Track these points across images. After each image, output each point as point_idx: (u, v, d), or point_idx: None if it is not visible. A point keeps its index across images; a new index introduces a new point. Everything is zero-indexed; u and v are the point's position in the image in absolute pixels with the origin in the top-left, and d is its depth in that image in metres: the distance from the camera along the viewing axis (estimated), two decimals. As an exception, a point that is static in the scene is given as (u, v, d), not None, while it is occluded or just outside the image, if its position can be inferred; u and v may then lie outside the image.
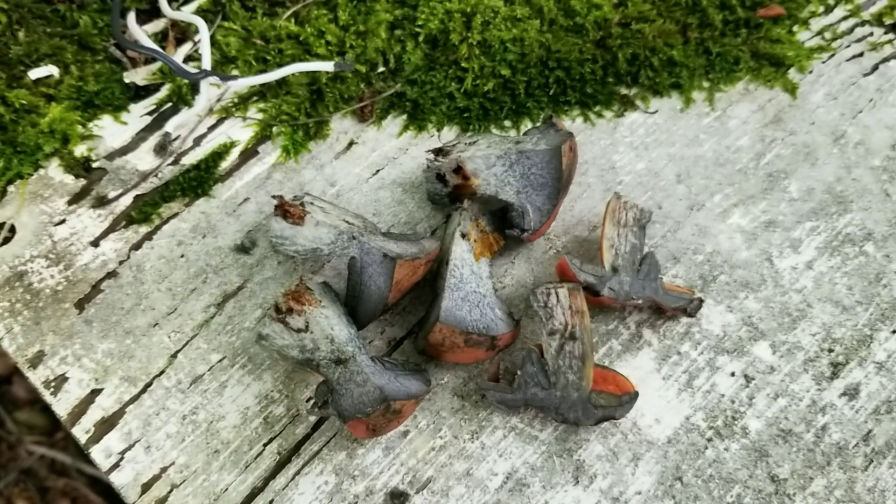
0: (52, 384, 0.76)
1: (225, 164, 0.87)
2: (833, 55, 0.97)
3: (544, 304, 0.73)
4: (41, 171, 0.85)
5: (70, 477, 1.59)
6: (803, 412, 0.77)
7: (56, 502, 1.59)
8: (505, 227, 0.80)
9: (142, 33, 0.91)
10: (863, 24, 1.00)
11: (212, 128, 0.89)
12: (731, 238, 0.85)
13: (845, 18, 1.00)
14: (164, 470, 0.73)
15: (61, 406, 0.75)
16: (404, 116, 0.91)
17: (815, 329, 0.81)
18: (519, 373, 0.73)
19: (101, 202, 0.84)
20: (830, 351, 0.80)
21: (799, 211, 0.87)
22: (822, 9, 1.01)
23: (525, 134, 0.82)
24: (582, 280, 0.76)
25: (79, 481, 1.59)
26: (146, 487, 0.72)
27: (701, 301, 0.79)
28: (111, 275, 0.81)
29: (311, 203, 0.77)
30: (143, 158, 0.87)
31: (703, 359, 0.79)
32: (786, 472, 0.74)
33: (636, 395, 0.74)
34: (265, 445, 0.74)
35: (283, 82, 0.91)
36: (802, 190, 0.88)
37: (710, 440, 0.75)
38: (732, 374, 0.78)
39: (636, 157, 0.90)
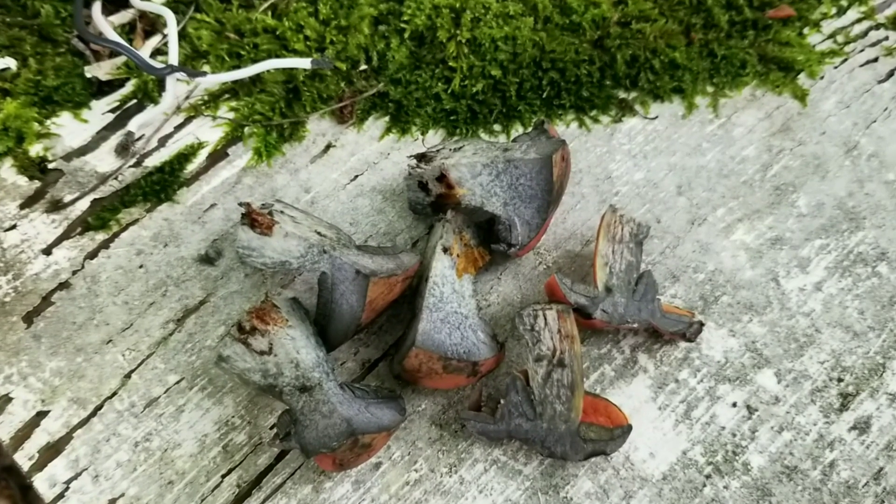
0: (-5, 405, 0.70)
1: (191, 167, 0.81)
2: (846, 60, 0.91)
3: (531, 328, 0.67)
4: (-8, 172, 0.79)
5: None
6: (810, 447, 0.71)
7: (38, 501, 1.54)
8: (491, 241, 0.74)
9: (107, 25, 0.85)
10: (877, 27, 0.94)
11: (178, 127, 0.83)
12: (734, 256, 0.79)
13: (859, 21, 0.94)
14: (112, 502, 0.66)
15: (4, 429, 0.69)
16: (387, 118, 0.85)
17: (824, 356, 0.75)
18: (502, 401, 0.67)
19: (56, 206, 0.78)
20: (840, 380, 0.74)
21: (808, 227, 0.81)
22: (834, 10, 0.95)
23: (514, 140, 0.76)
24: (572, 301, 0.70)
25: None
26: (92, 521, 0.66)
27: (701, 324, 0.73)
28: (63, 286, 0.74)
29: (281, 212, 0.71)
30: (104, 159, 0.80)
31: (702, 387, 0.73)
32: (790, 513, 0.69)
33: (629, 428, 0.68)
34: (224, 477, 0.68)
35: (257, 80, 0.85)
36: (812, 205, 0.82)
37: (708, 477, 0.70)
38: (734, 405, 0.72)
39: (634, 166, 0.84)
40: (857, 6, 0.95)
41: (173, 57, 0.81)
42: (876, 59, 0.91)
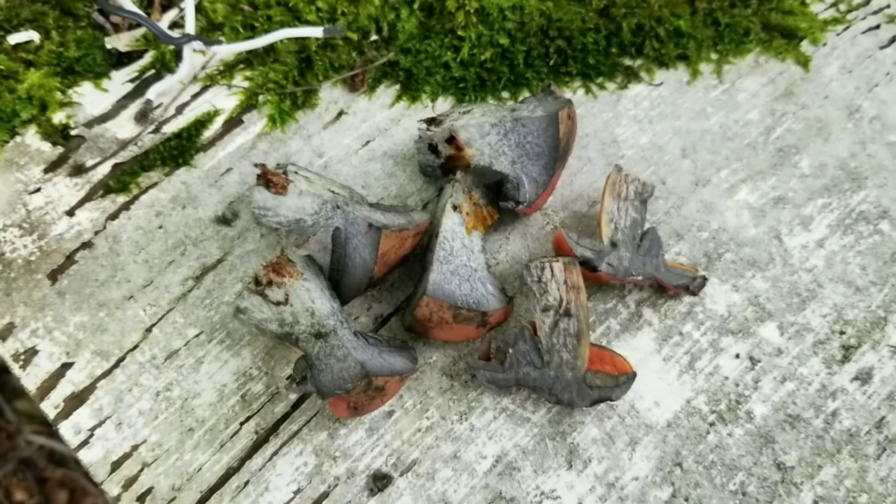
0: (22, 357, 0.72)
1: (208, 133, 0.83)
2: (848, 27, 0.93)
3: (538, 279, 0.69)
4: (17, 139, 0.82)
5: (68, 468, 1.57)
6: (812, 397, 0.73)
7: (54, 493, 1.57)
8: (499, 200, 0.76)
9: (126, -2, 0.87)
10: (880, -5, 0.95)
11: (195, 96, 0.85)
12: (738, 215, 0.81)
13: (861, -10, 0.95)
14: (135, 448, 0.69)
15: (30, 380, 0.71)
16: (397, 86, 0.88)
17: (826, 310, 0.76)
18: (511, 351, 0.69)
19: (79, 171, 0.81)
20: (842, 333, 0.75)
21: (810, 187, 0.82)
22: (836, -20, 0.96)
23: (522, 102, 0.78)
24: (579, 254, 0.72)
25: (77, 472, 1.56)
26: (116, 466, 0.68)
27: (705, 279, 0.75)
28: (86, 245, 0.77)
29: (296, 172, 0.74)
30: (123, 126, 0.83)
31: (706, 340, 0.75)
32: (793, 460, 0.70)
33: (634, 375, 0.69)
34: (242, 424, 0.70)
35: (270, 49, 0.87)
36: (814, 166, 0.84)
37: (712, 425, 0.71)
38: (737, 356, 0.74)
39: (640, 130, 0.86)
40: (859, -25, 0.96)
41: (190, 27, 0.84)
42: (878, 27, 0.93)
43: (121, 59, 0.87)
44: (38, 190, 0.79)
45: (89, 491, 1.57)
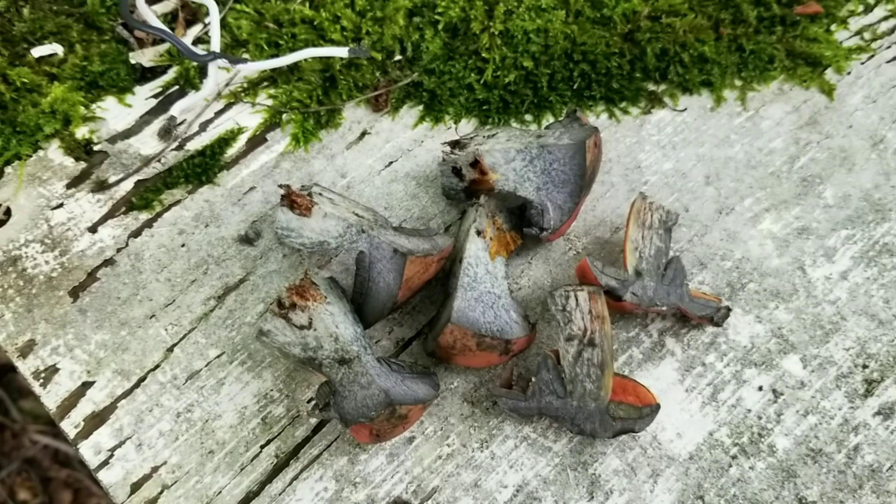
0: (42, 375, 0.72)
1: (231, 151, 0.83)
2: (873, 56, 0.92)
3: (563, 308, 0.69)
4: (40, 153, 0.82)
5: (73, 468, 1.57)
6: (835, 431, 0.72)
7: (58, 493, 1.57)
8: (523, 226, 0.76)
9: (150, 13, 0.87)
10: (904, 24, 0.95)
11: (219, 113, 0.85)
12: (761, 244, 0.80)
13: (886, 19, 0.95)
14: (155, 469, 0.69)
15: (50, 398, 0.71)
16: (420, 107, 0.87)
17: (849, 343, 0.76)
18: (533, 379, 0.69)
19: (101, 187, 0.80)
20: (865, 367, 0.75)
21: (834, 218, 0.82)
22: (861, 8, 0.96)
23: (547, 128, 0.78)
24: (603, 283, 0.72)
25: (81, 472, 1.56)
26: (136, 487, 0.68)
27: (728, 310, 0.75)
28: (108, 262, 0.77)
29: (320, 194, 0.73)
30: (147, 143, 0.83)
31: (729, 371, 0.74)
32: (815, 495, 0.70)
33: (658, 407, 0.69)
34: (262, 447, 0.70)
35: (295, 68, 0.87)
36: (838, 196, 0.83)
37: (734, 458, 0.71)
38: (760, 389, 0.74)
39: (663, 156, 0.85)
40: (883, 4, 0.96)
41: (215, 44, 0.84)
42: (903, 56, 0.92)
43: (144, 75, 0.87)
44: (61, 205, 0.79)
45: (93, 491, 1.57)
